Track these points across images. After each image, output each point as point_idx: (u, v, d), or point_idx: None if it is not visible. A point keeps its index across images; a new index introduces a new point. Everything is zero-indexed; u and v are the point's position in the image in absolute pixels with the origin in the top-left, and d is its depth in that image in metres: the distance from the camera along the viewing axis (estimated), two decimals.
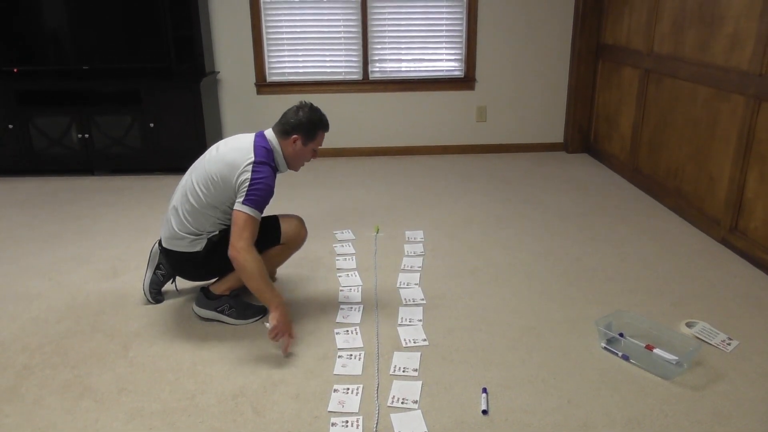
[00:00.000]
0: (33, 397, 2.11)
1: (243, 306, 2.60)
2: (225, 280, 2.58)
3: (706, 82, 3.50)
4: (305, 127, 2.47)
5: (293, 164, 2.56)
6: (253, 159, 2.36)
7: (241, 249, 2.28)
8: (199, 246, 2.48)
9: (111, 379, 2.21)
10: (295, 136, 2.46)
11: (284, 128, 2.47)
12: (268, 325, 2.29)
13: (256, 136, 2.48)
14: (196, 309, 2.59)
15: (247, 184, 2.32)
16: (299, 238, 2.68)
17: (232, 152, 2.42)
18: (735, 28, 3.24)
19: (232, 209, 2.37)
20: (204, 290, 2.59)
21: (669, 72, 3.92)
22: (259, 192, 2.33)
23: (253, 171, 2.34)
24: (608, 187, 4.45)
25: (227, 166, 2.38)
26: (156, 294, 2.77)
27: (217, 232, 2.49)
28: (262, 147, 2.42)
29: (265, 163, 2.38)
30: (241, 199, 2.32)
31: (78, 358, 2.35)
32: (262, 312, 2.62)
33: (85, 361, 2.32)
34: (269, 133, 2.50)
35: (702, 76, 3.54)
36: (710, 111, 3.49)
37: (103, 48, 4.75)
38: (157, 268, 2.75)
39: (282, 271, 3.06)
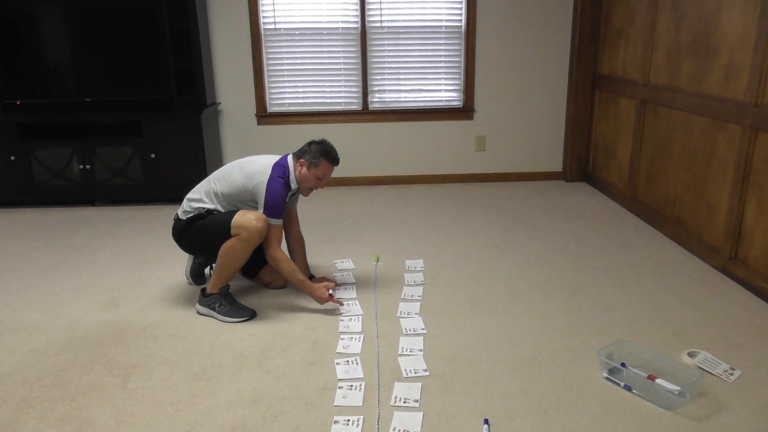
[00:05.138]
0: (31, 431, 2.10)
1: (232, 305, 2.93)
2: (212, 279, 2.96)
3: (703, 112, 3.54)
4: (311, 155, 2.94)
5: (300, 186, 3.00)
6: (268, 176, 2.86)
7: (272, 255, 2.87)
8: (185, 216, 2.95)
9: (110, 412, 2.19)
10: (302, 160, 2.94)
11: (297, 153, 2.98)
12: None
13: (280, 157, 2.98)
14: (197, 306, 2.98)
15: (263, 197, 2.83)
16: (250, 227, 2.79)
17: (253, 166, 2.94)
18: (730, 59, 3.29)
19: (234, 205, 2.92)
20: (203, 290, 2.97)
21: (665, 102, 3.96)
22: (272, 203, 2.84)
23: (267, 185, 2.85)
24: (607, 215, 4.46)
25: (246, 177, 2.90)
26: (196, 278, 3.30)
27: (204, 212, 2.91)
28: (279, 165, 2.93)
29: (279, 178, 2.88)
30: (261, 210, 2.84)
31: (77, 390, 2.33)
32: (248, 314, 2.92)
33: (84, 394, 2.31)
34: (289, 157, 2.99)
35: (698, 106, 3.58)
36: (707, 141, 3.52)
37: (104, 81, 4.81)
38: (194, 258, 3.29)
39: (282, 299, 3.06)
